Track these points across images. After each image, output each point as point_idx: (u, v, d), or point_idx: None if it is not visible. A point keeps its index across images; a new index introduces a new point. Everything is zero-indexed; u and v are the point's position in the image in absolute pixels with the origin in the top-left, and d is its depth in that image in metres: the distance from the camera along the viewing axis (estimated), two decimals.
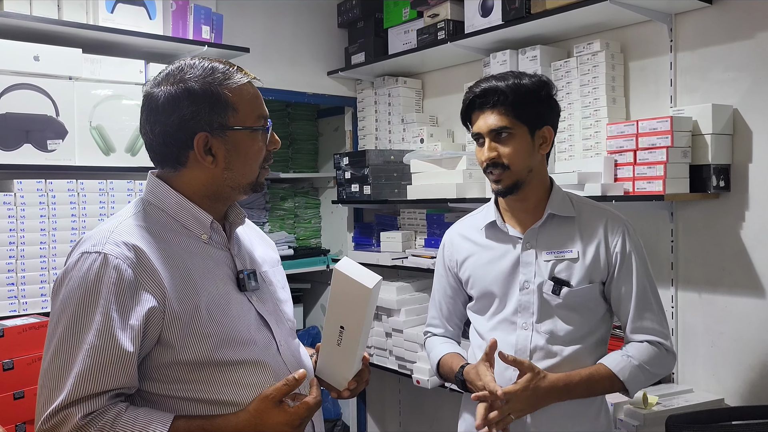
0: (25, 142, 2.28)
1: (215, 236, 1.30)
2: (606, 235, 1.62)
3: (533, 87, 1.58)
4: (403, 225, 3.16)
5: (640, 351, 1.59)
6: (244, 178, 1.27)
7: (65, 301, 1.15)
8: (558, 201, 1.65)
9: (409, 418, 3.43)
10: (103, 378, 1.12)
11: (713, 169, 2.11)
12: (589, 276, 1.60)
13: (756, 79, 2.10)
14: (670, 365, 1.64)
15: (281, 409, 1.17)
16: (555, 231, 1.64)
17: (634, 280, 1.60)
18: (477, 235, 1.73)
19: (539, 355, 1.60)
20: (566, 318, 1.60)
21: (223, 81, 1.23)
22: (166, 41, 2.62)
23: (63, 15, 2.41)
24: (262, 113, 1.28)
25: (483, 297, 1.70)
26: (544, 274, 1.61)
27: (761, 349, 2.10)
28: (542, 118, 1.61)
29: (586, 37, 2.52)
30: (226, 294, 1.25)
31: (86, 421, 1.10)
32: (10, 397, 1.90)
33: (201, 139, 1.22)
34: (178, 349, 1.18)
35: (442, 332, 1.86)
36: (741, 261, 2.14)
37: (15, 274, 2.24)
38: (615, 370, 1.57)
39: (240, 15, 3.11)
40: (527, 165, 1.60)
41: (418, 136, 3.07)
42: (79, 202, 2.37)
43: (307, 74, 3.35)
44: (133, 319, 1.14)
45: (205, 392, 1.20)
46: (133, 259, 1.16)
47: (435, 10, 2.90)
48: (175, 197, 1.26)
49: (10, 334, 1.92)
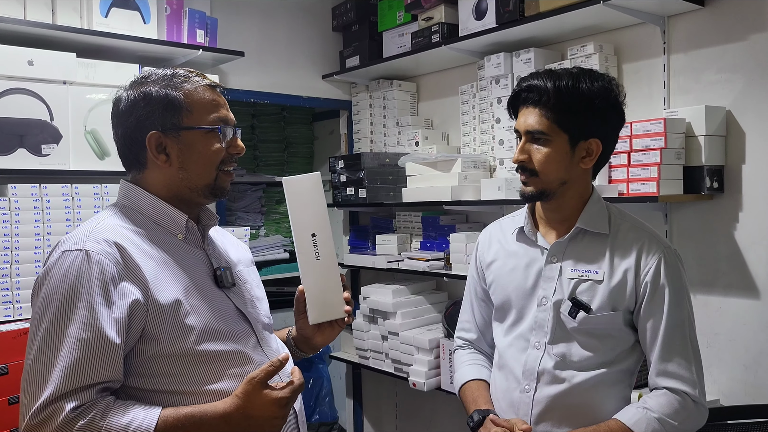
0: (19, 147, 2.28)
1: (190, 236, 1.34)
2: (639, 259, 1.45)
3: (588, 93, 1.41)
4: (398, 228, 3.16)
5: (660, 402, 1.41)
6: (200, 179, 1.31)
7: (47, 298, 1.16)
8: (591, 215, 1.49)
9: (406, 421, 3.42)
10: (91, 370, 1.13)
11: (707, 171, 2.12)
12: (612, 302, 1.44)
13: (749, 81, 2.11)
14: (697, 419, 1.43)
15: (269, 391, 1.21)
16: (585, 247, 1.49)
17: (664, 315, 1.42)
18: (508, 239, 1.61)
19: (546, 379, 1.47)
20: (585, 344, 1.46)
21: (180, 84, 1.29)
22: (160, 45, 2.62)
23: (57, 19, 2.41)
24: (220, 116, 1.31)
25: (502, 306, 1.60)
26: (565, 293, 1.47)
27: (756, 349, 2.11)
28: (590, 129, 1.44)
29: (579, 40, 2.53)
30: (205, 289, 1.29)
31: (75, 414, 1.10)
32: (4, 402, 1.89)
33: (153, 137, 1.27)
34: (162, 342, 1.20)
35: (473, 338, 1.73)
36: (735, 262, 2.15)
37: (9, 279, 2.23)
38: (629, 424, 1.38)
39: (234, 19, 3.11)
40: (560, 177, 1.45)
41: (413, 139, 3.08)
42: (73, 206, 2.37)
43: (302, 78, 3.35)
44: (117, 312, 1.16)
45: (190, 384, 1.22)
46: (114, 254, 1.19)
47: (429, 14, 2.91)
48: (149, 198, 1.30)
49: (4, 339, 1.92)
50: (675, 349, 1.42)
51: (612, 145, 1.52)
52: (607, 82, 1.45)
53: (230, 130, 1.33)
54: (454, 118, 3.07)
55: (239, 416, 1.19)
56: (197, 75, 1.33)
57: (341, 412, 3.72)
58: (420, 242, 2.97)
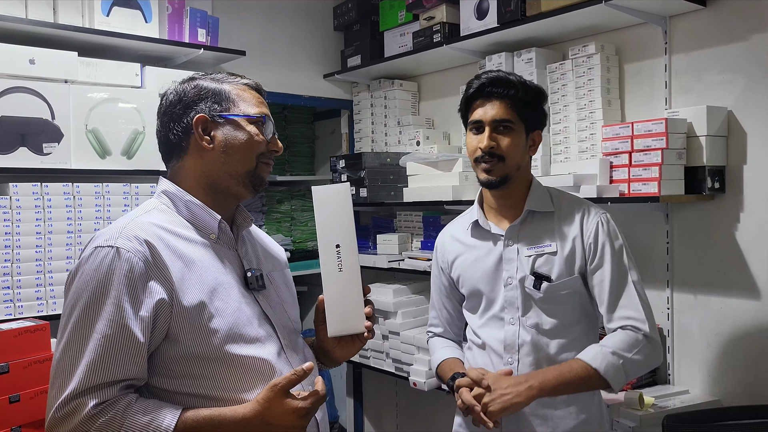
0: (20, 146, 2.28)
1: (223, 236, 1.34)
2: (581, 226, 1.64)
3: (537, 90, 1.67)
4: (399, 227, 3.16)
5: (613, 339, 1.56)
6: (242, 165, 1.33)
7: (78, 293, 1.18)
8: (537, 197, 1.68)
9: (406, 420, 3.42)
10: (115, 367, 1.14)
11: (708, 171, 2.11)
12: (568, 268, 1.62)
13: (750, 81, 2.11)
14: (653, 353, 1.57)
15: (290, 399, 1.19)
16: (535, 227, 1.67)
17: (608, 268, 1.60)
18: (464, 235, 1.77)
19: (526, 349, 1.62)
20: (549, 311, 1.62)
21: (226, 78, 1.37)
22: (161, 44, 2.62)
23: (58, 18, 2.41)
24: (263, 111, 1.37)
25: (472, 295, 1.74)
26: (526, 269, 1.63)
27: (757, 349, 2.11)
28: (538, 122, 1.69)
29: (581, 40, 2.53)
30: (233, 291, 1.29)
31: (98, 410, 1.12)
32: (5, 400, 1.89)
33: (200, 119, 1.31)
34: (185, 343, 1.20)
35: (440, 331, 1.89)
36: (736, 262, 2.15)
37: (11, 277, 2.24)
38: (587, 359, 1.52)
39: (236, 18, 3.11)
40: (518, 162, 1.64)
41: (414, 138, 3.08)
42: (75, 205, 2.37)
43: (304, 77, 3.35)
44: (143, 310, 1.17)
45: (212, 389, 1.22)
46: (144, 252, 1.20)
47: (431, 13, 2.91)
48: (186, 197, 1.32)
49: (5, 337, 1.92)
50: (622, 294, 1.59)
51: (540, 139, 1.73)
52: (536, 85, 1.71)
53: (272, 126, 1.38)
54: (455, 117, 3.02)
55: (258, 422, 1.18)
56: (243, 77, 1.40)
57: (342, 412, 3.72)
58: (421, 242, 2.97)
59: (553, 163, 2.48)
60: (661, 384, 2.29)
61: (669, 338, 2.30)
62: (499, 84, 1.62)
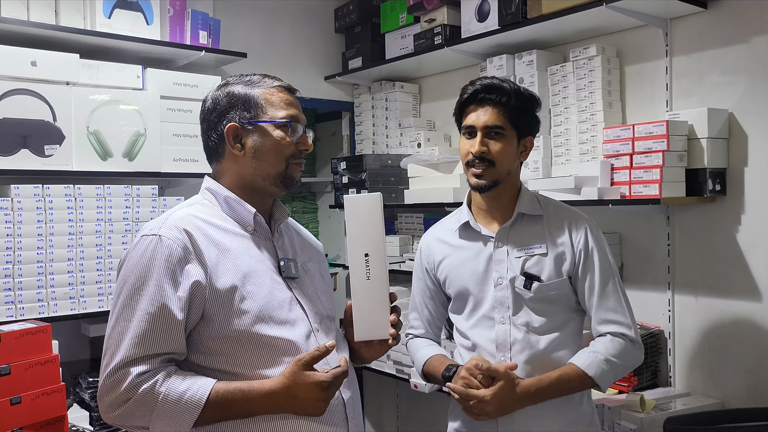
0: (22, 148, 2.28)
1: (260, 228, 1.45)
2: (570, 232, 1.69)
3: (529, 97, 1.69)
4: (400, 229, 3.16)
5: (606, 345, 1.64)
6: (272, 168, 1.42)
7: (126, 275, 1.33)
8: (526, 201, 1.72)
9: (407, 422, 3.42)
10: (156, 341, 1.27)
11: (709, 173, 2.11)
12: (557, 270, 1.66)
13: (751, 83, 2.11)
14: (637, 356, 1.68)
15: (312, 372, 1.29)
16: (525, 229, 1.71)
17: (596, 274, 1.66)
18: (451, 237, 1.79)
19: (518, 347, 1.66)
20: (538, 310, 1.66)
21: (257, 84, 1.44)
22: (163, 46, 2.63)
23: (60, 20, 2.41)
24: (290, 113, 1.44)
25: (459, 296, 1.76)
26: (516, 270, 1.67)
27: (758, 352, 2.10)
28: (529, 129, 1.71)
29: (582, 42, 2.53)
30: (266, 277, 1.39)
31: (140, 379, 1.25)
32: (6, 402, 1.89)
33: (231, 129, 1.41)
34: (218, 322, 1.32)
35: (422, 333, 1.90)
36: (737, 264, 2.14)
37: (12, 279, 2.24)
38: (583, 367, 1.61)
39: (237, 20, 3.11)
40: (508, 167, 1.68)
41: (415, 140, 3.08)
42: (76, 207, 2.37)
43: (305, 79, 3.35)
44: (181, 291, 1.30)
45: (241, 366, 1.33)
46: (183, 239, 1.33)
47: (432, 15, 2.91)
48: (225, 192, 1.44)
49: (6, 339, 1.91)
50: (609, 299, 1.66)
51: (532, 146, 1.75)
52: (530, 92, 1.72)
53: (300, 128, 1.45)
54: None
55: (284, 394, 1.28)
56: (274, 78, 1.47)
57: None
58: None
59: (554, 165, 2.48)
60: (662, 386, 2.29)
61: (670, 340, 2.30)
62: (492, 90, 1.65)
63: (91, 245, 2.39)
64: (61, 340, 2.25)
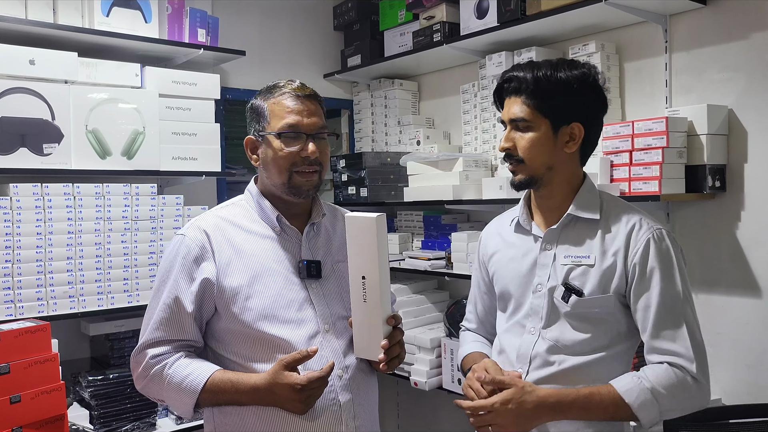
0: (20, 146, 2.28)
1: (287, 229, 1.53)
2: (628, 242, 1.45)
3: (565, 79, 1.44)
4: (399, 227, 3.16)
5: (656, 373, 1.39)
6: (277, 178, 1.49)
7: (159, 268, 1.52)
8: (583, 201, 1.51)
9: (407, 420, 3.42)
10: (170, 329, 1.45)
11: (709, 170, 2.11)
12: (603, 285, 1.45)
13: (751, 79, 2.11)
14: (695, 395, 1.40)
15: (288, 373, 1.37)
16: (577, 233, 1.50)
17: (654, 296, 1.41)
18: (507, 232, 1.64)
19: (537, 363, 1.49)
20: (576, 327, 1.47)
21: (268, 95, 1.51)
22: (161, 44, 2.62)
23: (58, 19, 2.41)
24: (289, 123, 1.46)
25: (502, 296, 1.62)
26: (558, 278, 1.49)
27: (758, 348, 2.10)
28: (571, 114, 1.47)
29: (581, 39, 2.53)
30: (279, 278, 1.48)
31: (154, 361, 1.45)
32: (6, 401, 1.88)
33: (248, 141, 1.55)
34: (225, 317, 1.45)
35: (474, 327, 1.79)
36: (737, 261, 2.14)
37: (11, 278, 2.23)
38: (621, 391, 1.38)
39: (236, 18, 3.11)
40: (544, 162, 1.48)
41: (414, 138, 3.08)
42: (75, 206, 2.37)
43: (304, 77, 3.29)
44: (193, 286, 1.45)
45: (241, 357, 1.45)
46: (202, 239, 1.47)
47: (431, 12, 2.91)
48: (256, 195, 1.56)
49: (6, 338, 1.91)
50: (668, 327, 1.41)
51: (596, 129, 1.53)
52: (586, 69, 1.48)
53: (301, 135, 1.46)
54: (456, 117, 3.06)
55: (265, 390, 1.38)
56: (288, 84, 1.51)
57: None
58: (421, 241, 2.96)
59: None
60: None
61: None
62: (510, 80, 1.49)
63: (90, 244, 2.39)
64: (61, 339, 2.25)
